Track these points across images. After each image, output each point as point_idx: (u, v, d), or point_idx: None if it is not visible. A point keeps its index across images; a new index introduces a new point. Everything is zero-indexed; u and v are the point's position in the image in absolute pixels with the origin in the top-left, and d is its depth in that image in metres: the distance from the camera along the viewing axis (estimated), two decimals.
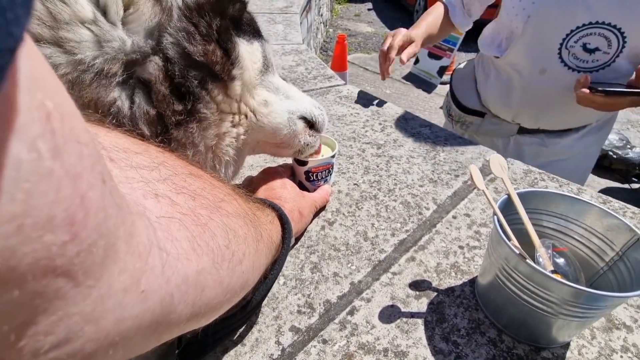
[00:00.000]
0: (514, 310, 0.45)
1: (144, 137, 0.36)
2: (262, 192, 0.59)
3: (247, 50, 0.44)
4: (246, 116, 0.47)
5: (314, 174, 0.64)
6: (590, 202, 0.46)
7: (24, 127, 0.11)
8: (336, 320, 0.49)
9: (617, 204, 0.70)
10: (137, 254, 0.18)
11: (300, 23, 2.21)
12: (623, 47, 0.83)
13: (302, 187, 0.66)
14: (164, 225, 0.22)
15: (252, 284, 0.35)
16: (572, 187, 0.74)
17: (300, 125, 0.55)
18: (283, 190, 0.58)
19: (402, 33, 1.01)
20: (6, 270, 0.12)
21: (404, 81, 4.09)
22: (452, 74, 1.30)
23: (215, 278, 0.26)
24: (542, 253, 0.45)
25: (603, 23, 0.81)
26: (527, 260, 0.39)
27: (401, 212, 0.68)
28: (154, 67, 0.35)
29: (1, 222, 0.11)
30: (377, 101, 1.08)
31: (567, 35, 0.86)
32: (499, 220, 0.44)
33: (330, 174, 0.66)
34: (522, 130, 1.07)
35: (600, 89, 0.79)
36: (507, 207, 0.48)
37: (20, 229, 0.12)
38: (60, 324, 0.14)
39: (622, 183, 2.76)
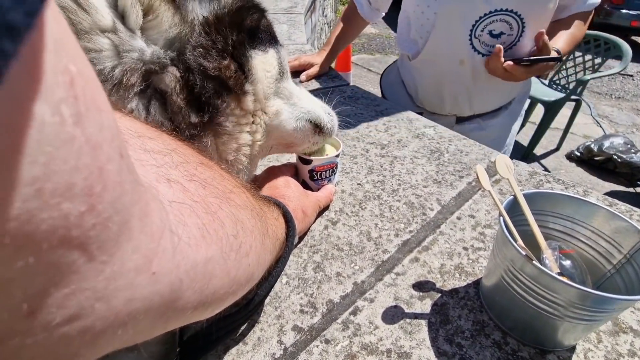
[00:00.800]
0: (519, 313, 0.44)
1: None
2: (266, 191, 0.58)
3: (261, 61, 0.44)
4: (262, 124, 0.47)
5: (318, 173, 0.63)
6: (597, 204, 0.46)
7: (49, 89, 0.11)
8: (339, 320, 0.49)
9: (623, 206, 0.69)
10: (150, 234, 0.18)
11: (305, 24, 2.21)
12: (523, 28, 0.93)
13: (306, 186, 0.66)
14: (175, 210, 0.22)
15: (257, 278, 0.35)
16: (578, 189, 0.73)
17: (308, 128, 0.56)
18: (287, 189, 0.58)
19: (299, 61, 1.21)
20: (22, 235, 0.11)
21: None
22: (380, 82, 1.40)
23: (223, 268, 0.26)
24: (549, 255, 0.44)
25: (502, 10, 0.91)
26: (534, 262, 0.39)
27: (405, 212, 0.67)
28: (170, 79, 0.35)
29: (21, 185, 0.11)
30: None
31: (473, 25, 0.95)
32: (505, 221, 0.43)
33: (335, 174, 0.66)
34: (460, 120, 1.16)
35: (525, 59, 0.90)
36: (513, 208, 0.48)
37: (39, 193, 0.11)
38: (73, 298, 0.14)
39: (627, 187, 2.74)
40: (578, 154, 2.96)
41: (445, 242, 0.61)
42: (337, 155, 0.64)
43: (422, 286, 0.53)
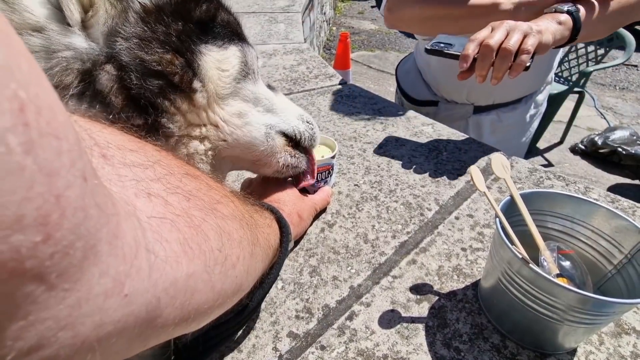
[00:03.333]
0: (518, 316, 0.43)
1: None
2: (261, 195, 0.58)
3: (215, 59, 0.40)
4: (217, 126, 0.42)
5: None
6: (597, 202, 0.44)
7: None
8: (335, 326, 0.48)
9: (626, 202, 0.68)
10: (121, 256, 0.17)
11: (303, 22, 2.20)
12: None
13: (302, 188, 0.65)
14: (154, 226, 0.21)
15: (246, 288, 0.34)
16: (579, 185, 0.72)
17: (280, 141, 0.49)
18: (282, 194, 0.57)
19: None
20: None
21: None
22: (396, 71, 1.31)
23: (207, 282, 0.25)
24: (547, 256, 0.43)
25: None
26: (531, 265, 0.38)
27: (402, 213, 0.67)
28: (106, 77, 0.32)
29: None
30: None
31: None
32: (501, 223, 0.42)
33: (331, 175, 0.65)
34: (477, 110, 1.10)
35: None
36: (511, 208, 0.47)
37: None
38: (32, 330, 0.14)
39: (633, 179, 2.70)
40: (582, 147, 2.93)
41: (444, 243, 0.60)
42: (333, 157, 0.63)
43: (419, 289, 0.53)
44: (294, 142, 0.52)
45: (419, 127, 0.94)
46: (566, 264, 0.45)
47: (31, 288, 0.13)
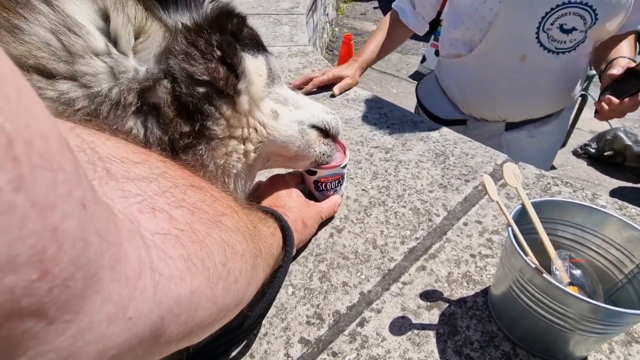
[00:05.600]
0: (528, 324, 0.44)
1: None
2: (268, 200, 0.58)
3: (252, 64, 0.44)
4: (256, 130, 0.46)
5: (323, 184, 0.63)
6: (609, 212, 0.45)
7: None
8: (346, 332, 0.49)
9: (633, 210, 0.68)
10: (124, 280, 0.17)
11: (307, 23, 2.20)
12: (594, 23, 0.84)
13: (311, 196, 0.66)
14: (158, 243, 0.21)
15: (247, 300, 0.35)
16: (587, 192, 0.72)
17: (313, 134, 0.55)
18: (288, 199, 0.57)
19: (328, 75, 1.11)
20: None
21: (411, 80, 4.05)
22: (416, 91, 1.31)
23: (210, 297, 0.25)
24: (559, 265, 0.44)
25: (578, 2, 0.82)
26: (544, 275, 0.38)
27: (411, 218, 0.67)
28: (162, 91, 0.35)
29: None
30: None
31: (543, 17, 0.86)
32: (513, 232, 0.43)
33: (341, 184, 0.66)
34: (510, 126, 1.08)
35: (627, 92, 0.78)
36: (522, 216, 0.47)
37: None
38: None
39: (635, 182, 2.70)
40: (590, 150, 2.93)
41: (452, 250, 0.60)
42: (344, 167, 0.63)
43: (429, 296, 0.53)
44: (324, 132, 0.57)
45: (426, 132, 0.94)
46: (577, 272, 0.46)
47: (30, 325, 0.13)
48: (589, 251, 0.47)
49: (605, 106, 0.79)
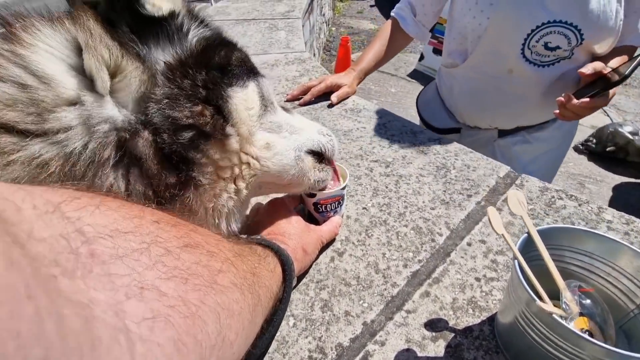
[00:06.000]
0: (538, 359, 0.42)
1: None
2: (267, 227, 0.57)
3: (241, 99, 0.42)
4: (249, 164, 0.44)
5: (323, 206, 0.61)
6: (620, 241, 0.43)
7: None
8: None
9: None
10: None
11: (303, 25, 2.18)
12: (580, 43, 0.85)
13: (311, 217, 0.64)
14: (145, 332, 0.20)
15: (242, 353, 0.34)
16: (592, 205, 0.71)
17: (309, 161, 0.53)
18: (288, 226, 0.56)
19: (326, 83, 1.10)
20: None
21: (409, 79, 4.03)
22: (417, 102, 1.33)
23: None
24: (568, 297, 0.42)
25: (561, 22, 0.83)
26: (555, 316, 0.36)
27: (413, 239, 0.65)
28: (143, 144, 0.33)
29: None
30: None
31: (528, 35, 0.88)
32: (520, 266, 0.41)
33: (341, 205, 0.64)
34: (502, 133, 1.09)
35: (586, 95, 0.78)
36: (528, 243, 0.46)
37: None
38: None
39: (638, 178, 2.68)
40: (592, 145, 2.91)
41: (457, 273, 0.59)
42: (344, 188, 0.62)
43: (434, 325, 0.51)
44: (319, 156, 0.55)
45: (426, 143, 0.92)
46: (587, 302, 0.44)
47: None
48: (598, 279, 0.46)
49: (562, 99, 0.79)
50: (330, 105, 1.09)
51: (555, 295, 0.45)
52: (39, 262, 0.16)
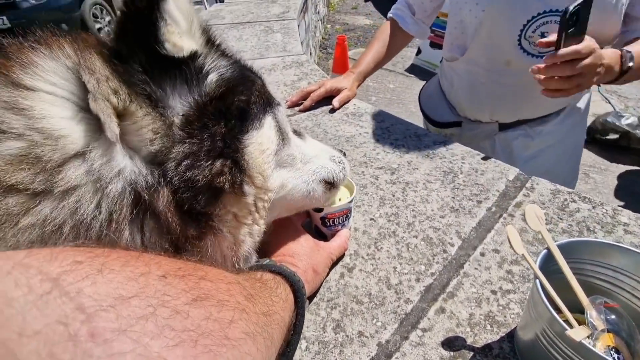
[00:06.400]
0: None
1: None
2: (275, 247, 0.55)
3: (257, 143, 0.40)
4: (264, 207, 0.44)
5: (331, 220, 0.60)
6: None
7: None
8: None
9: None
10: None
11: (298, 25, 2.15)
12: None
13: (319, 231, 0.63)
14: None
15: None
16: (607, 208, 0.69)
17: (319, 189, 0.52)
18: (296, 246, 0.54)
19: (325, 87, 1.08)
20: None
21: (407, 74, 4.00)
22: (419, 96, 1.31)
23: None
24: (594, 316, 0.40)
25: (557, 11, 0.81)
26: (583, 342, 0.35)
27: (424, 250, 0.64)
28: (162, 201, 0.31)
29: None
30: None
31: (524, 25, 0.86)
32: (542, 286, 0.39)
33: (349, 218, 0.62)
34: (503, 127, 1.07)
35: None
36: (549, 258, 0.44)
37: None
38: None
39: None
40: (594, 134, 2.88)
41: (471, 286, 0.57)
42: (351, 201, 0.60)
43: (451, 344, 0.50)
44: (331, 184, 0.54)
45: (431, 146, 0.90)
46: (612, 317, 0.42)
47: None
48: (623, 293, 0.44)
49: (534, 68, 0.71)
50: (332, 110, 1.07)
51: (576, 307, 0.43)
52: (33, 357, 0.15)
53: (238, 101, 0.38)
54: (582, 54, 0.66)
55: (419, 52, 4.01)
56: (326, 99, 1.11)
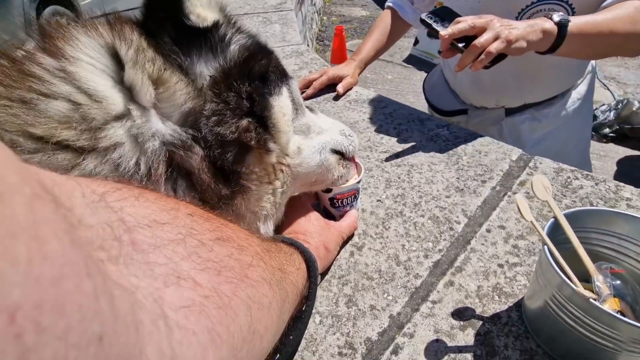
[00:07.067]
0: (571, 343, 0.42)
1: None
2: (287, 226, 0.56)
3: (279, 107, 0.42)
4: (282, 171, 0.45)
5: (339, 201, 0.61)
6: None
7: None
8: None
9: None
10: None
11: (296, 16, 2.14)
12: (572, 14, 0.82)
13: (327, 212, 0.64)
14: (182, 320, 0.21)
15: (271, 349, 0.34)
16: (609, 184, 0.70)
17: (333, 159, 0.54)
18: (308, 224, 0.56)
19: (327, 75, 1.08)
20: None
21: (405, 64, 3.99)
22: (423, 86, 1.31)
23: None
24: (600, 280, 0.42)
25: None
26: (591, 300, 0.36)
27: (431, 228, 0.65)
28: (196, 159, 0.34)
29: None
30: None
31: (519, 14, 0.86)
32: (550, 251, 0.41)
33: (357, 199, 0.63)
34: (510, 112, 1.07)
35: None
36: (555, 228, 0.45)
37: None
38: None
39: None
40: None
41: (479, 260, 0.58)
42: (359, 182, 0.61)
43: (461, 314, 0.51)
44: (342, 154, 0.56)
45: (434, 130, 0.91)
46: (617, 283, 0.44)
47: None
48: (627, 259, 0.45)
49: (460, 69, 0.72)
50: (337, 97, 1.07)
51: (582, 278, 0.45)
52: (90, 246, 0.17)
53: (259, 66, 0.40)
54: (470, 24, 0.69)
55: (416, 42, 4.00)
56: (328, 87, 1.11)
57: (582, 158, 1.14)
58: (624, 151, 2.69)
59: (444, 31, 0.71)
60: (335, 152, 0.54)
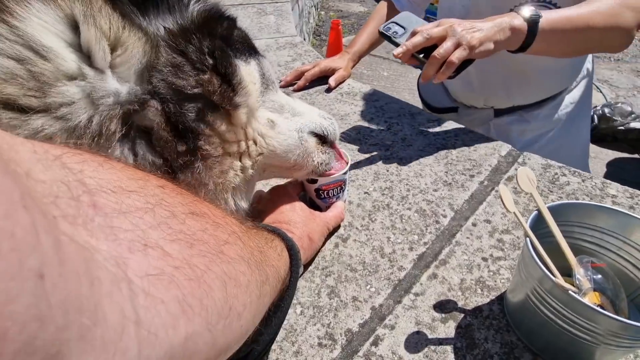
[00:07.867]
0: (550, 336, 0.42)
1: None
2: (271, 216, 0.55)
3: (246, 72, 0.41)
4: (255, 142, 0.43)
5: (325, 192, 0.60)
6: (630, 214, 0.42)
7: None
8: (360, 353, 0.47)
9: None
10: (99, 346, 0.15)
11: (292, 10, 2.12)
12: None
13: (314, 204, 0.63)
14: (148, 287, 0.19)
15: (250, 332, 0.33)
16: (596, 181, 0.70)
17: (312, 141, 0.52)
18: (292, 214, 0.55)
19: (320, 67, 1.07)
20: None
21: (401, 62, 3.98)
22: (418, 82, 1.31)
23: (208, 340, 0.23)
24: (581, 273, 0.42)
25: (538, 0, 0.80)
26: (571, 292, 0.36)
27: (417, 221, 0.64)
28: (153, 113, 0.32)
29: None
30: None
31: (511, 10, 0.82)
32: (532, 244, 0.40)
33: (343, 190, 0.63)
34: (498, 112, 1.06)
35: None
36: (538, 221, 0.45)
37: None
38: None
39: (631, 153, 2.70)
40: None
41: (463, 254, 0.58)
42: (345, 173, 0.60)
43: (443, 306, 0.51)
44: (322, 139, 0.54)
45: (425, 124, 0.91)
46: (598, 277, 0.44)
47: None
48: (609, 253, 0.45)
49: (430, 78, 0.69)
50: (329, 90, 1.06)
51: (565, 272, 0.45)
52: (38, 194, 0.15)
53: (222, 28, 0.39)
54: (425, 36, 0.65)
55: None
56: (320, 79, 1.10)
57: (578, 164, 1.13)
58: (613, 153, 2.71)
59: (398, 49, 0.67)
60: (315, 135, 0.52)
